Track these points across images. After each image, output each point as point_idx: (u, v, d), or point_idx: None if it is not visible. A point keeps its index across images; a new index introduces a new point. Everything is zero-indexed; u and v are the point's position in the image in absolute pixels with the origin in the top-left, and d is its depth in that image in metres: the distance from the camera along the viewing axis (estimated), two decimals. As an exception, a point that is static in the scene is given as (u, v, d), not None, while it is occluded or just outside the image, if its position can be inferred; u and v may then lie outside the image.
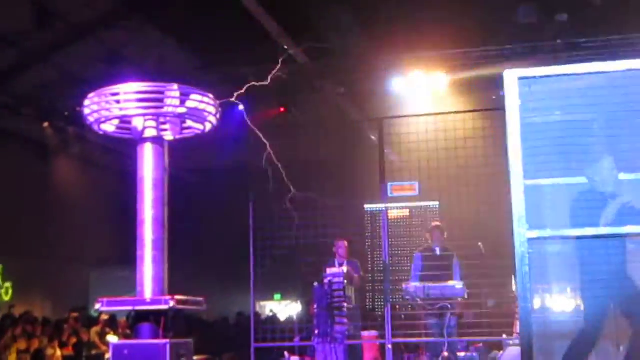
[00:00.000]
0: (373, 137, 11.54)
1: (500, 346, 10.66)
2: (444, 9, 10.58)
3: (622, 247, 6.35)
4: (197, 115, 7.28)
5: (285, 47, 11.32)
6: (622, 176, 6.66)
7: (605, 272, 6.28)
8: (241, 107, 10.86)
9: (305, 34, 11.21)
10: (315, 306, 10.94)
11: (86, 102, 7.04)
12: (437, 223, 14.01)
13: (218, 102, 7.40)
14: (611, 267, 6.29)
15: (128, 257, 7.66)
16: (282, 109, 11.48)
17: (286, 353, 11.03)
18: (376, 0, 10.70)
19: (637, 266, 6.47)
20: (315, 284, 10.97)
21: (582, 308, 6.60)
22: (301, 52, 11.59)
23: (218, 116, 7.47)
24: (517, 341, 9.28)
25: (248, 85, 8.86)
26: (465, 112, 12.56)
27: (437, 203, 15.28)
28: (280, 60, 9.46)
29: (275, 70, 9.36)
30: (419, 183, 12.36)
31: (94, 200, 20.38)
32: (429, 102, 12.31)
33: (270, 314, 20.16)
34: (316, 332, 10.76)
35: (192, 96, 7.15)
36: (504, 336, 10.66)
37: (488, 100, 11.31)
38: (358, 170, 11.25)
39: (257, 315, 12.78)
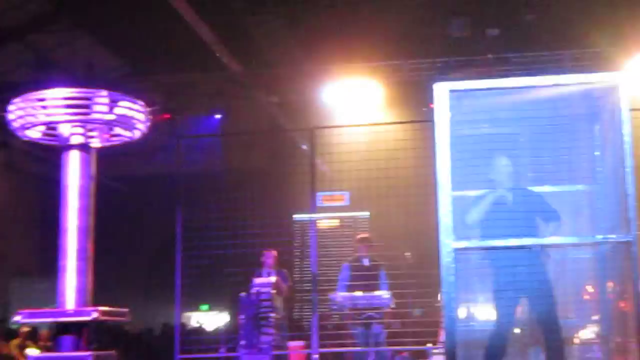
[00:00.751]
0: (304, 147, 11.58)
1: (425, 355, 10.78)
2: (378, 20, 10.71)
3: (545, 256, 6.52)
4: (126, 122, 7.19)
5: (219, 55, 11.30)
6: (546, 188, 6.84)
7: (525, 280, 6.44)
8: (172, 114, 10.89)
9: (239, 42, 11.21)
10: (241, 316, 10.91)
11: (11, 107, 6.91)
12: (365, 234, 14.12)
13: (148, 109, 7.35)
14: (532, 275, 6.45)
15: (50, 268, 7.54)
16: (216, 117, 11.47)
17: (211, 364, 10.98)
18: (311, 10, 10.76)
19: (561, 275, 6.64)
20: (243, 294, 10.95)
21: (499, 316, 6.74)
22: (235, 60, 11.57)
23: (148, 123, 7.41)
24: (441, 350, 9.41)
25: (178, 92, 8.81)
26: (396, 123, 12.70)
27: (367, 213, 15.40)
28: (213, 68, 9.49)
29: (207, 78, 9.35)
30: (350, 193, 12.48)
31: (16, 209, 19.94)
32: (361, 112, 12.42)
33: (197, 325, 20.02)
34: (242, 342, 10.72)
35: (122, 103, 7.05)
36: (429, 345, 10.79)
37: (419, 112, 11.45)
38: (288, 179, 11.30)
39: (183, 326, 12.68)
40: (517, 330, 6.79)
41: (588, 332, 7.45)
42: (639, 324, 5.87)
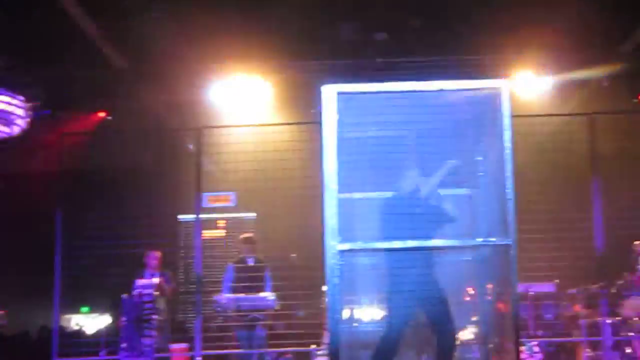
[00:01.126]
0: (191, 147, 11.45)
1: (309, 357, 10.81)
2: (268, 20, 10.67)
3: (429, 258, 6.61)
4: (4, 117, 6.97)
5: (105, 51, 11.05)
6: (430, 192, 6.94)
7: (409, 282, 6.51)
8: (53, 110, 10.58)
9: (125, 39, 10.98)
10: (123, 318, 10.70)
11: None
12: (250, 234, 14.07)
13: (29, 104, 7.12)
14: (415, 277, 6.53)
15: None
16: (100, 114, 11.20)
17: (90, 368, 10.73)
18: (199, 8, 10.63)
19: (442, 277, 6.74)
20: (124, 295, 10.75)
21: (386, 317, 6.80)
22: (120, 57, 11.34)
23: (27, 119, 7.19)
24: (325, 351, 9.45)
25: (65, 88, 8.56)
26: (283, 124, 12.68)
27: (253, 214, 15.34)
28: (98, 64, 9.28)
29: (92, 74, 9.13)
30: (236, 194, 12.40)
31: None
32: (249, 113, 12.36)
33: (76, 327, 19.53)
34: (123, 345, 10.52)
35: (0, 97, 6.83)
36: (313, 347, 10.82)
37: (307, 114, 11.48)
38: (174, 179, 11.15)
39: (61, 328, 12.34)
40: (408, 333, 6.86)
41: (467, 333, 7.62)
42: (516, 324, 6.03)
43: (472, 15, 10.70)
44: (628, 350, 10.40)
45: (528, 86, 12.24)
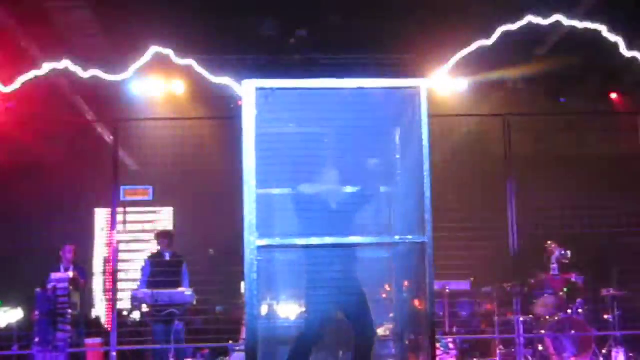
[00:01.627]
0: (108, 140, 11.28)
1: (226, 352, 10.76)
2: (186, 13, 10.56)
3: (346, 255, 6.62)
4: None
5: (20, 41, 10.78)
6: (347, 189, 6.97)
7: (326, 278, 6.52)
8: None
9: (41, 29, 10.73)
10: (36, 312, 10.51)
11: None
12: (168, 229, 13.97)
13: None
14: (333, 274, 6.54)
15: None
16: (8, 106, 10.90)
17: (3, 362, 10.50)
18: (117, 1, 10.47)
19: (360, 274, 6.77)
20: (38, 289, 10.55)
21: (304, 313, 6.79)
22: (36, 47, 11.08)
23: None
24: (243, 347, 9.42)
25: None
26: (202, 118, 12.58)
27: (171, 208, 15.21)
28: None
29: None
30: (154, 188, 12.26)
31: None
32: (168, 107, 12.23)
33: (-12, 321, 19.09)
34: (36, 339, 10.33)
35: None
36: (231, 342, 10.78)
37: (227, 108, 11.41)
38: (91, 173, 10.96)
39: (-28, 322, 12.02)
40: (326, 330, 6.86)
41: (384, 330, 7.69)
42: (431, 321, 6.09)
43: (392, 14, 10.78)
44: (540, 348, 10.62)
45: (446, 86, 12.39)
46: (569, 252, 11.16)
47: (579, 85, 12.79)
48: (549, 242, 11.20)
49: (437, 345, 9.82)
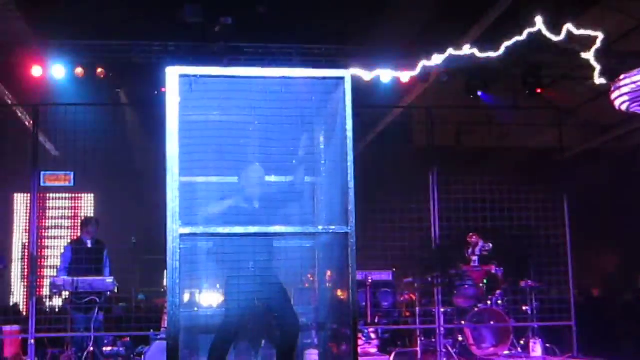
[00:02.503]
0: (28, 124, 11.04)
1: (147, 341, 10.67)
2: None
3: (269, 245, 6.62)
4: None
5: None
6: (271, 179, 6.96)
7: (250, 268, 6.51)
8: None
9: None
10: (-49, 299, 10.29)
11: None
12: (89, 216, 13.77)
13: None
14: (255, 263, 6.54)
15: None
16: None
17: None
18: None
19: (283, 263, 6.77)
20: (-45, 275, 10.33)
21: (225, 302, 6.77)
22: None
23: None
24: (164, 335, 9.36)
25: None
26: (124, 105, 12.42)
27: (92, 195, 14.99)
28: None
29: None
30: (75, 174, 12.03)
31: None
32: (90, 92, 12.03)
33: None
34: (-50, 326, 10.13)
35: None
36: (152, 331, 10.69)
37: (149, 95, 11.29)
38: (9, 157, 10.72)
39: None
40: (246, 319, 6.84)
41: (306, 319, 7.71)
42: (354, 311, 6.13)
43: (319, 3, 10.78)
44: (460, 338, 10.79)
45: (370, 77, 12.45)
46: (490, 244, 11.35)
47: (500, 79, 12.99)
48: (472, 234, 11.37)
49: (359, 334, 9.91)
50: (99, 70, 11.47)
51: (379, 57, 11.90)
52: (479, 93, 12.79)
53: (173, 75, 5.87)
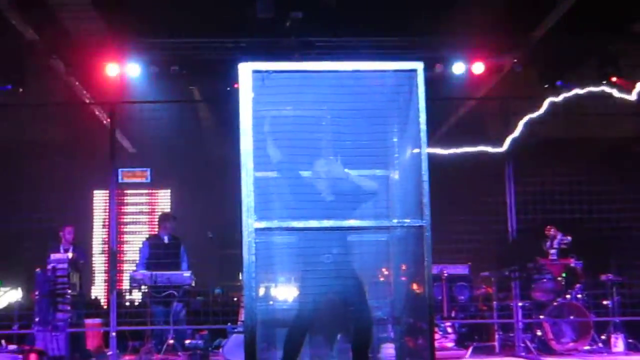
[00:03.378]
0: (105, 122, 11.24)
1: (225, 334, 10.80)
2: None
3: (344, 239, 6.62)
4: None
5: (13, 21, 10.71)
6: (345, 172, 6.94)
7: (324, 262, 6.52)
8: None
9: (35, 9, 10.64)
10: (36, 293, 10.54)
11: None
12: (166, 211, 13.98)
13: None
14: (331, 257, 6.54)
15: None
16: (11, 88, 10.84)
17: (3, 341, 10.52)
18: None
19: (358, 257, 6.76)
20: (38, 270, 10.58)
21: (299, 296, 6.78)
22: (31, 28, 11.01)
23: None
24: (241, 329, 9.45)
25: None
26: (199, 101, 12.55)
27: (168, 191, 15.21)
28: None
29: None
30: (151, 170, 12.24)
31: None
32: (165, 89, 12.19)
33: (-12, 301, 19.13)
34: (36, 319, 10.37)
35: None
36: (229, 324, 10.81)
37: (223, 91, 11.38)
38: (89, 154, 10.95)
39: (-28, 302, 12.04)
40: (320, 313, 6.84)
41: (382, 313, 7.69)
42: (430, 305, 6.09)
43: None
44: (539, 333, 10.63)
45: (444, 69, 12.34)
46: (569, 237, 11.16)
47: (577, 68, 12.72)
48: (549, 227, 11.19)
49: (436, 329, 9.84)
50: (173, 68, 11.61)
51: (452, 48, 11.79)
52: (558, 83, 12.56)
53: (246, 71, 5.91)
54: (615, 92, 11.52)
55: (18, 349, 10.25)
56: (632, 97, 11.28)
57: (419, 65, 6.07)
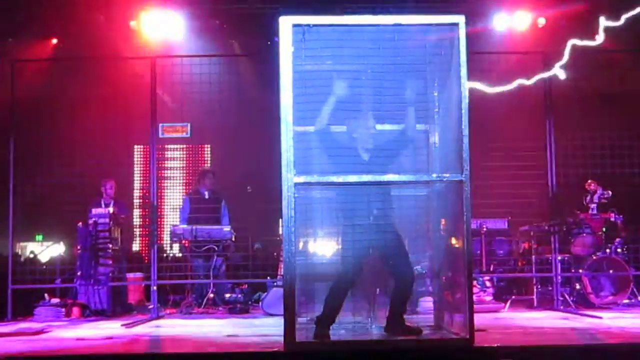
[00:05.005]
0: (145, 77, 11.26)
1: (264, 288, 10.89)
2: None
3: (384, 194, 6.62)
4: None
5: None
6: (385, 127, 6.93)
7: (365, 217, 6.54)
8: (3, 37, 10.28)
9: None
10: (78, 247, 10.69)
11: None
12: (206, 167, 14.05)
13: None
14: (371, 212, 6.56)
15: None
16: (52, 41, 10.86)
17: (46, 295, 10.69)
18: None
19: (398, 212, 6.77)
20: (80, 224, 10.72)
21: (341, 251, 6.81)
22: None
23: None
24: (280, 283, 9.53)
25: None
26: (238, 55, 12.50)
27: (209, 146, 15.28)
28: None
29: None
30: (191, 125, 12.24)
31: None
32: (205, 43, 12.15)
33: (31, 255, 19.40)
34: (78, 273, 10.53)
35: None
36: (269, 278, 10.90)
37: (263, 46, 11.36)
38: (129, 109, 11.00)
39: (16, 256, 12.27)
40: (363, 267, 6.87)
41: (421, 267, 7.72)
42: (468, 260, 6.11)
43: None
44: (577, 287, 10.61)
45: (486, 22, 12.18)
46: (609, 192, 11.07)
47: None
48: (590, 181, 11.10)
49: (474, 282, 9.86)
50: (214, 21, 11.56)
51: (494, 3, 11.63)
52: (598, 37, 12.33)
53: (286, 25, 5.91)
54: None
55: (61, 303, 10.42)
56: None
57: (460, 19, 6.02)
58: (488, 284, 10.81)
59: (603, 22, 10.16)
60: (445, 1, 11.37)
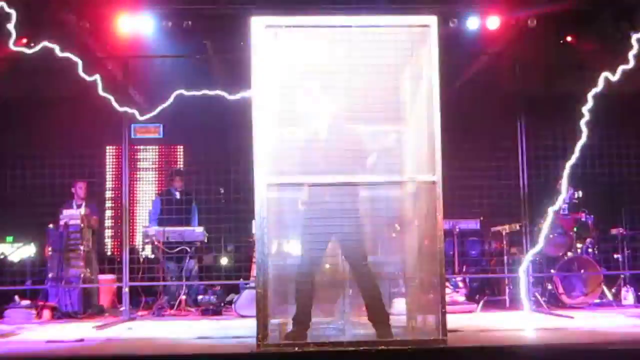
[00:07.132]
0: (117, 77, 11.19)
1: (237, 290, 10.87)
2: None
3: (355, 194, 6.59)
4: None
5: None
6: (357, 128, 6.91)
7: (331, 217, 6.49)
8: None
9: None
10: (49, 249, 10.61)
11: None
12: (178, 167, 13.99)
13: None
14: (340, 212, 6.52)
15: None
16: (22, 41, 10.73)
17: (16, 297, 10.61)
18: None
19: (369, 213, 6.75)
20: (50, 225, 10.64)
21: (301, 250, 6.76)
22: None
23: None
24: (253, 284, 9.51)
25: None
26: (211, 55, 12.44)
27: (181, 146, 15.21)
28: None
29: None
30: (164, 126, 12.22)
31: None
32: (178, 44, 12.09)
33: (1, 257, 19.22)
34: (49, 275, 10.46)
35: None
36: (241, 280, 10.88)
37: (236, 46, 11.30)
38: (100, 109, 10.89)
39: (-15, 257, 12.15)
40: (321, 264, 6.85)
41: (393, 268, 7.71)
42: (441, 260, 6.13)
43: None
44: (549, 287, 10.67)
45: (456, 24, 12.19)
46: (580, 192, 11.15)
47: (592, 23, 12.56)
48: (561, 182, 11.17)
49: (447, 283, 9.89)
50: (186, 22, 11.50)
51: (466, 2, 11.64)
52: (569, 38, 12.41)
53: (259, 25, 5.89)
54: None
55: (31, 305, 10.34)
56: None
57: (432, 20, 6.03)
58: (461, 284, 10.86)
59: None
60: (418, 2, 11.40)
